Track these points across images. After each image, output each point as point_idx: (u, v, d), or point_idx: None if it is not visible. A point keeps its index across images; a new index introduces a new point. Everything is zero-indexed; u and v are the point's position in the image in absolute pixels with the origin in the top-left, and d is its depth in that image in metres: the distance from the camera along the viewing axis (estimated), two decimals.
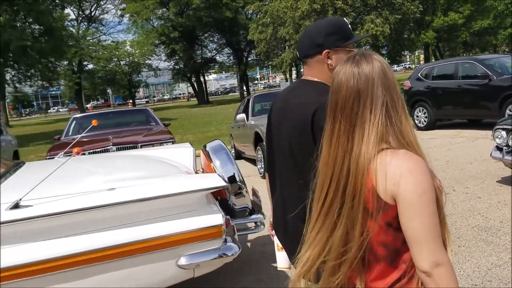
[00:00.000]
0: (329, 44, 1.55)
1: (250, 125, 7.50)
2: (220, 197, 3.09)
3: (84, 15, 45.22)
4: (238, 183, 3.08)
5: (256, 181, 6.72)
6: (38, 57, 22.82)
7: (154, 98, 75.14)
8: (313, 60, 1.60)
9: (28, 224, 2.23)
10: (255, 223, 3.12)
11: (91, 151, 6.19)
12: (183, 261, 2.43)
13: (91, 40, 43.91)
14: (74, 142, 4.23)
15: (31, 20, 23.95)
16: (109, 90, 57.75)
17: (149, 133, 7.17)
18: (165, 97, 77.17)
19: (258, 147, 6.95)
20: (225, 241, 2.56)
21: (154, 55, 44.15)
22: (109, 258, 2.30)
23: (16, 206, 2.26)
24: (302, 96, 1.58)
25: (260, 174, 6.95)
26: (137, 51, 43.62)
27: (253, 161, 8.11)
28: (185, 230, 2.43)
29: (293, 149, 1.54)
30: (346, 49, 1.56)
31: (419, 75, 10.22)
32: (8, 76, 25.91)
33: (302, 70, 2.65)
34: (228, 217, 2.81)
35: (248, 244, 4.13)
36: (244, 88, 44.01)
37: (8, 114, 27.56)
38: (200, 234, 2.46)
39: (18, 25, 23.08)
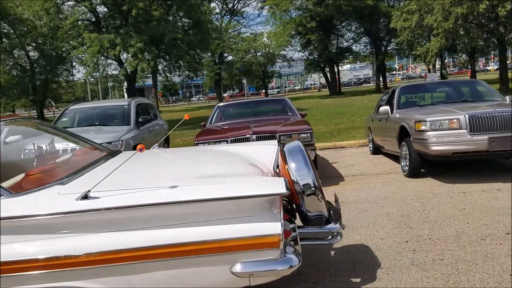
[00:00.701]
0: None
1: (394, 118, 6.99)
2: (293, 202, 2.94)
3: (227, 9, 47.73)
4: (313, 188, 2.87)
5: (398, 179, 6.25)
6: (187, 49, 24.67)
7: (285, 89, 76.40)
8: None
9: (93, 215, 2.32)
10: (331, 233, 2.89)
11: (233, 138, 6.38)
12: (237, 268, 2.34)
13: (232, 33, 46.23)
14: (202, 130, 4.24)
15: (182, 14, 25.98)
16: (244, 81, 60.28)
17: (287, 123, 7.15)
18: (296, 87, 77.91)
19: (403, 142, 6.43)
20: (285, 251, 2.40)
21: (289, 46, 44.74)
22: (162, 256, 2.30)
23: (85, 197, 2.33)
24: None
25: (404, 172, 6.44)
26: (273, 42, 44.69)
27: (393, 157, 7.60)
28: (240, 236, 2.32)
29: None
30: None
31: None
32: (160, 67, 28.41)
33: (446, 60, 2.17)
34: (293, 225, 2.65)
35: (332, 252, 3.82)
36: (381, 79, 42.13)
37: (158, 100, 30.43)
38: (255, 242, 2.33)
39: (170, 19, 25.23)
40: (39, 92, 32.66)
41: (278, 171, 3.26)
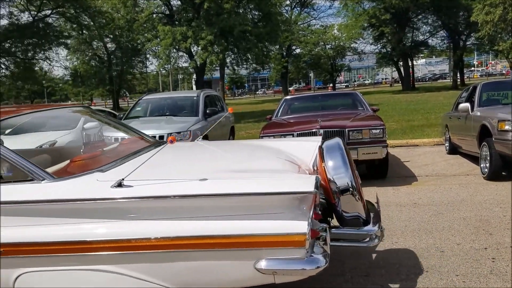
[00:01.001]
0: None
1: (475, 116, 6.49)
2: (328, 201, 2.87)
3: (298, 1, 47.27)
4: (350, 189, 2.78)
5: (476, 181, 5.81)
6: (255, 42, 24.77)
7: (354, 83, 74.57)
8: None
9: (125, 203, 2.40)
10: (369, 235, 2.78)
11: (299, 132, 6.26)
12: (261, 264, 2.31)
13: (301, 25, 45.78)
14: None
15: (252, 6, 26.10)
16: (311, 74, 59.60)
17: (357, 118, 6.88)
18: (366, 81, 75.77)
19: (484, 143, 5.95)
20: (313, 251, 2.36)
21: (360, 39, 43.50)
22: (186, 247, 2.34)
23: (119, 185, 2.40)
24: None
25: (483, 174, 5.97)
26: (344, 35, 43.67)
27: (471, 158, 7.08)
28: (265, 232, 2.30)
29: None
30: None
31: None
32: (228, 59, 28.78)
33: None
34: (324, 225, 2.57)
35: (373, 255, 3.59)
36: (458, 75, 39.80)
37: (224, 93, 30.97)
38: (281, 240, 2.30)
39: (241, 11, 25.42)
40: (115, 83, 34.47)
41: (316, 168, 3.13)
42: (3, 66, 24.42)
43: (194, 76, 31.75)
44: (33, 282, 2.52)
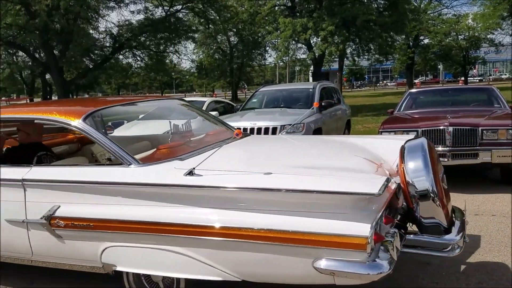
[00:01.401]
0: None
1: None
2: (407, 206, 2.77)
3: None
4: (430, 194, 2.62)
5: None
6: (379, 31, 23.60)
7: (489, 77, 67.38)
8: None
9: (194, 190, 2.58)
10: (450, 245, 2.61)
11: (425, 129, 5.71)
12: (319, 263, 2.31)
13: (431, 14, 42.56)
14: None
15: None
16: (440, 66, 55.30)
17: (493, 116, 6.08)
18: (503, 76, 67.95)
19: None
20: (378, 256, 2.28)
21: (499, 29, 38.97)
22: (247, 238, 2.40)
23: (190, 173, 2.58)
24: None
25: None
26: (479, 25, 39.51)
27: None
28: (326, 232, 2.27)
29: None
30: None
31: None
32: (348, 50, 27.97)
33: None
34: (393, 230, 2.43)
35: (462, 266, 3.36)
36: None
37: (342, 85, 30.20)
38: (341, 241, 2.25)
39: (365, 0, 24.40)
40: (235, 75, 35.80)
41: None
42: (138, 58, 26.87)
43: (312, 68, 31.50)
44: (117, 256, 2.81)
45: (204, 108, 9.56)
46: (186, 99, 11.81)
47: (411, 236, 2.69)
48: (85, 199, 2.86)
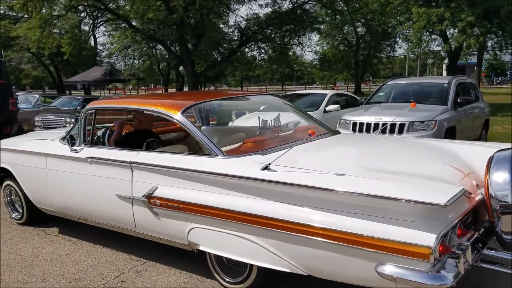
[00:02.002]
0: None
1: None
2: (488, 219, 2.67)
3: None
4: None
5: None
6: None
7: None
8: None
9: (267, 184, 2.76)
10: None
11: None
12: (383, 268, 2.35)
13: None
14: None
15: None
16: None
17: None
18: None
19: None
20: (444, 268, 2.29)
21: None
22: (315, 235, 2.52)
23: (266, 168, 2.78)
24: None
25: None
26: None
27: None
28: (390, 238, 2.30)
29: None
30: None
31: None
32: (489, 43, 25.42)
33: None
34: (466, 244, 2.39)
35: None
36: None
37: (480, 81, 27.40)
38: (405, 249, 2.27)
39: None
40: (360, 67, 34.72)
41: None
42: (263, 51, 27.52)
43: (446, 61, 29.16)
44: (200, 237, 3.14)
45: (325, 101, 9.39)
46: (307, 91, 11.78)
47: (491, 251, 2.61)
48: (178, 183, 3.24)
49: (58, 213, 4.41)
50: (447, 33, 24.06)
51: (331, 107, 9.28)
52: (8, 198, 5.07)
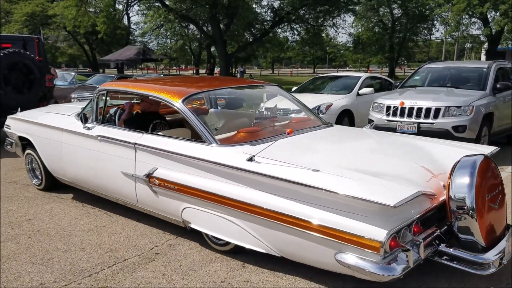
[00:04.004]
0: None
1: None
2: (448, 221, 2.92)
3: None
4: (470, 211, 2.78)
5: None
6: None
7: None
8: None
9: (250, 174, 3.07)
10: (481, 263, 2.75)
11: None
12: (341, 256, 2.66)
13: None
14: None
15: None
16: None
17: None
18: None
19: None
20: (395, 260, 2.57)
21: None
22: (286, 223, 2.85)
23: (250, 159, 3.07)
24: None
25: None
26: None
27: None
28: (348, 230, 2.60)
29: None
30: None
31: None
32: None
33: None
34: (420, 241, 2.66)
35: None
36: None
37: None
38: (359, 241, 2.55)
39: None
40: (395, 50, 33.82)
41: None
42: (295, 32, 27.16)
43: (485, 46, 28.05)
44: (192, 216, 3.49)
45: (359, 84, 9.23)
46: (340, 74, 11.59)
47: (448, 249, 2.84)
48: (174, 166, 3.55)
49: (71, 183, 4.83)
50: (488, 16, 23.09)
51: (365, 90, 9.13)
52: (30, 166, 5.49)
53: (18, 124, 5.43)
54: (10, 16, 33.97)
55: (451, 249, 2.85)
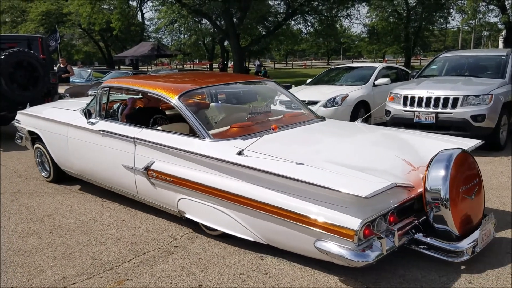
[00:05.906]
0: None
1: None
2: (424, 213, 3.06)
3: None
4: (444, 202, 2.93)
5: None
6: None
7: None
8: None
9: (239, 168, 3.22)
10: (454, 252, 2.94)
11: None
12: (318, 243, 2.83)
13: None
14: None
15: None
16: None
17: None
18: None
19: None
20: (370, 248, 2.73)
21: None
22: (270, 212, 3.03)
23: (240, 153, 3.22)
24: None
25: None
26: None
27: None
28: (326, 220, 2.77)
29: None
30: None
31: None
32: None
33: None
34: (394, 230, 2.81)
35: None
36: None
37: None
38: (336, 229, 2.73)
39: None
40: (411, 40, 33.33)
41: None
42: (309, 24, 26.94)
43: (503, 34, 27.44)
44: (187, 206, 3.68)
45: (374, 74, 9.14)
46: (355, 65, 11.46)
47: (425, 238, 3.00)
48: (170, 159, 3.74)
49: (77, 175, 5.06)
50: (506, 2, 22.56)
51: (381, 80, 9.03)
52: (39, 159, 5.75)
53: (27, 119, 5.69)
54: (26, 15, 34.44)
55: (428, 238, 3.01)
